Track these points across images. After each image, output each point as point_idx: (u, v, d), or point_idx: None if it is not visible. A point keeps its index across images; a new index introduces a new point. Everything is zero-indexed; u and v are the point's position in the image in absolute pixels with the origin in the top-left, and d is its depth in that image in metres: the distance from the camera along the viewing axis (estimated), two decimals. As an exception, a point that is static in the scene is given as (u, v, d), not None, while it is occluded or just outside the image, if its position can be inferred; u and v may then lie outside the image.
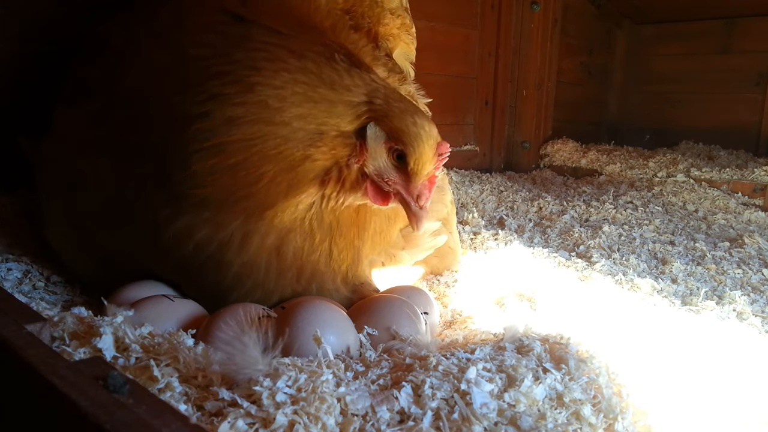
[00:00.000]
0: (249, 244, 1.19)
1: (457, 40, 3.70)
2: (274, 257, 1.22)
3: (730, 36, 4.52)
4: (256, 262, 1.21)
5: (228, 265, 1.20)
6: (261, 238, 1.19)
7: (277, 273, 1.22)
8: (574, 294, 1.53)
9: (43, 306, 1.16)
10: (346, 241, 1.29)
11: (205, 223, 1.17)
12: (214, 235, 1.17)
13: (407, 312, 1.18)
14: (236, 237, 1.18)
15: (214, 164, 1.12)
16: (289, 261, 1.23)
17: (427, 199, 1.19)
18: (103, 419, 0.60)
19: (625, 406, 0.94)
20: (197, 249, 1.18)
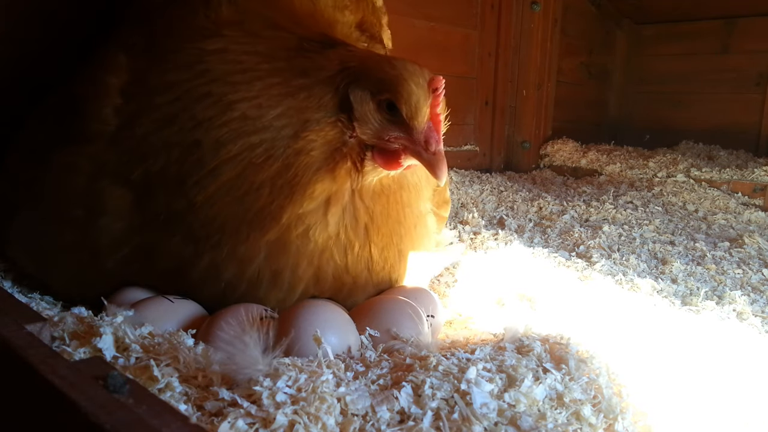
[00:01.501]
0: (281, 279, 1.16)
1: (457, 40, 3.70)
2: (312, 285, 1.19)
3: (730, 36, 4.52)
4: (290, 296, 1.18)
5: (264, 300, 1.17)
6: (292, 271, 1.16)
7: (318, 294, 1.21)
8: (574, 294, 1.53)
9: (43, 306, 1.16)
10: (385, 239, 1.24)
11: (229, 261, 1.13)
12: (241, 274, 1.14)
13: (409, 313, 1.18)
14: (265, 274, 1.15)
15: (214, 192, 1.10)
16: (329, 282, 1.21)
17: (437, 142, 1.10)
18: (103, 419, 0.60)
19: (625, 407, 0.94)
20: (229, 288, 1.16)
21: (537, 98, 4.04)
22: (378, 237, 1.23)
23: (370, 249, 1.22)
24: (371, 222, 1.21)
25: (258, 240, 1.12)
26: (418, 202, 1.34)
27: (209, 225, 1.12)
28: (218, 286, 1.16)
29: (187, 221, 1.12)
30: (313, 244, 1.15)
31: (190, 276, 1.16)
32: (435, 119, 1.11)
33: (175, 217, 1.13)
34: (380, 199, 1.22)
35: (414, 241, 1.35)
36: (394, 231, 1.26)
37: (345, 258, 1.19)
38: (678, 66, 4.78)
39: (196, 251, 1.14)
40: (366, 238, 1.21)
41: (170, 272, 1.18)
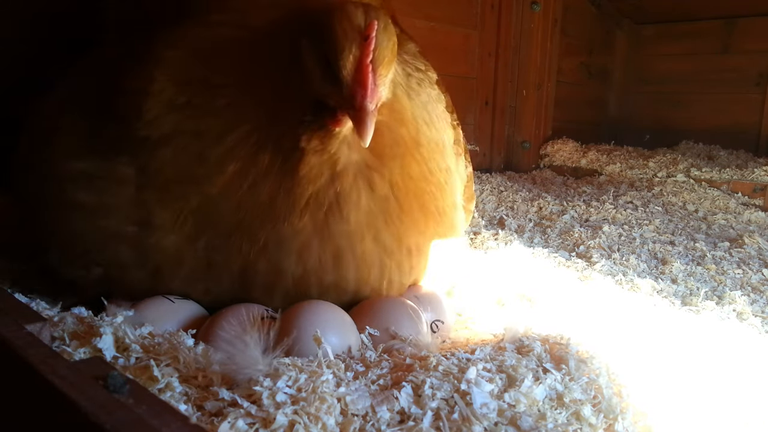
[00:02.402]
0: (344, 261, 1.16)
1: (457, 40, 3.70)
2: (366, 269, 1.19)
3: (730, 36, 4.52)
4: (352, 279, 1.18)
5: (329, 290, 1.19)
6: (350, 251, 1.15)
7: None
8: (574, 294, 1.53)
9: (43, 306, 1.15)
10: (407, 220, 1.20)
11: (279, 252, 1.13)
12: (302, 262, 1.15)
13: (408, 312, 1.18)
14: (326, 259, 1.15)
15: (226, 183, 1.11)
16: (377, 266, 1.20)
17: (362, 97, 0.98)
18: (103, 419, 0.60)
19: (626, 407, 0.94)
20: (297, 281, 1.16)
21: (537, 98, 4.04)
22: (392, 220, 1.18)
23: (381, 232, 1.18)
24: (393, 197, 1.17)
25: (293, 225, 1.11)
26: (445, 193, 1.31)
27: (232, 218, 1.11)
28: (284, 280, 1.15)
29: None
30: (347, 223, 1.13)
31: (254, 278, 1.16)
32: (362, 71, 0.98)
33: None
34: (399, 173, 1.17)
35: (441, 231, 1.31)
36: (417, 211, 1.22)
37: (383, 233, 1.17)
38: (678, 66, 4.78)
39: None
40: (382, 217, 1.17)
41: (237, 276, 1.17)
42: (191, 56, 1.17)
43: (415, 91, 1.25)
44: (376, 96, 1.00)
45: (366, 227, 1.16)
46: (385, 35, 0.99)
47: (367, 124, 0.99)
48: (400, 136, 1.17)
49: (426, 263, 1.32)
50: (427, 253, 1.30)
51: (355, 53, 0.97)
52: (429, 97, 1.32)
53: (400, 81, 1.19)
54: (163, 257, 1.15)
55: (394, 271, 1.24)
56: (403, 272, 1.26)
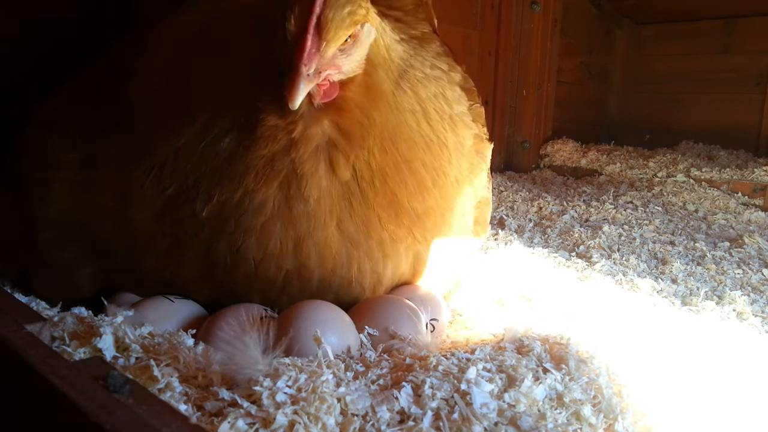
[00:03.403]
0: (305, 247, 1.14)
1: (457, 40, 3.70)
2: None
3: (730, 36, 4.52)
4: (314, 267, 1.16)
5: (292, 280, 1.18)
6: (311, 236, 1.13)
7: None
8: (574, 294, 1.53)
9: (43, 306, 1.16)
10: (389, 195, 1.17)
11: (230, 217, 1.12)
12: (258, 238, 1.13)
13: (407, 312, 1.18)
14: (287, 243, 1.13)
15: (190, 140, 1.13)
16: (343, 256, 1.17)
17: (298, 58, 0.95)
18: (103, 419, 0.60)
19: (626, 407, 0.94)
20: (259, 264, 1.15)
21: (537, 98, 4.04)
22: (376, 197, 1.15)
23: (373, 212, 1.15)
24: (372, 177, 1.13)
25: (247, 189, 1.09)
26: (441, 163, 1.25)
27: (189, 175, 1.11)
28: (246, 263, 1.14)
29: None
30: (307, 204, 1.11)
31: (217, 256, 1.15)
32: (302, 31, 0.97)
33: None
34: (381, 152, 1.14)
35: (420, 233, 1.25)
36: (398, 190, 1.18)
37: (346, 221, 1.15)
38: (678, 66, 4.78)
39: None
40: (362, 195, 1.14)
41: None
42: (182, 33, 1.25)
43: (413, 84, 1.22)
44: (317, 61, 0.97)
45: (328, 213, 1.13)
46: (342, 0, 0.98)
47: (296, 85, 0.96)
48: (372, 120, 1.12)
49: (409, 261, 1.28)
50: (402, 262, 1.26)
51: (299, 13, 0.97)
52: (436, 95, 1.28)
53: (392, 67, 1.17)
54: (137, 232, 1.16)
55: (364, 260, 1.19)
56: (375, 261, 1.21)
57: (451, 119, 1.31)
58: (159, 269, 1.18)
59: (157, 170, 1.13)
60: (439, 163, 1.26)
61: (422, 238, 1.26)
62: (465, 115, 1.39)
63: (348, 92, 1.09)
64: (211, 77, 1.15)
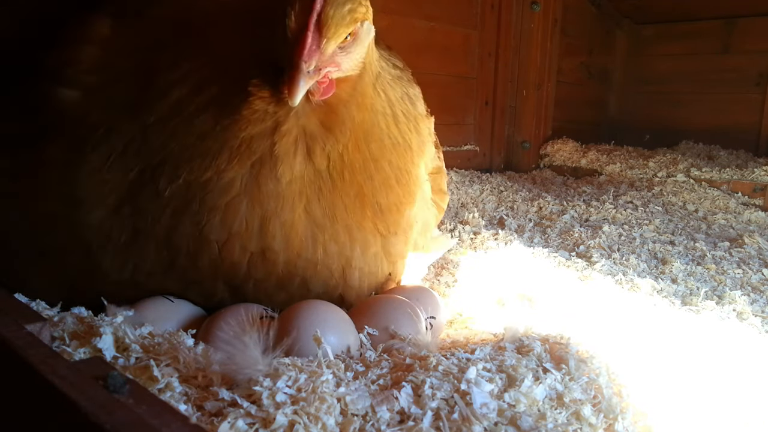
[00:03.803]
0: (270, 229, 1.12)
1: (457, 40, 3.70)
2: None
3: (730, 36, 4.52)
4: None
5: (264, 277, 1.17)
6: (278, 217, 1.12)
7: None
8: (574, 294, 1.53)
9: (43, 306, 1.15)
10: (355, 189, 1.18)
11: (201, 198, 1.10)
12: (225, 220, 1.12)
13: (407, 312, 1.18)
14: (253, 222, 1.12)
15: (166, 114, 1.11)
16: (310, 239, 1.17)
17: (299, 55, 0.96)
18: (103, 419, 0.60)
19: (625, 407, 0.94)
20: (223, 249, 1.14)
21: (537, 98, 4.04)
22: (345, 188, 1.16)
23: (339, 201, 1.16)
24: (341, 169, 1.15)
25: (219, 170, 1.08)
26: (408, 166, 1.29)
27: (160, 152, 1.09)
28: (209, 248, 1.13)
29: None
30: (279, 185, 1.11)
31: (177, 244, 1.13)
32: (303, 28, 0.97)
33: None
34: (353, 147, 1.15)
35: (384, 227, 1.27)
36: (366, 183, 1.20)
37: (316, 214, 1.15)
38: (678, 66, 4.78)
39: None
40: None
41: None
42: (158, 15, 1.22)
43: (385, 87, 1.25)
44: (316, 58, 0.97)
45: (298, 195, 1.13)
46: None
47: (296, 82, 0.96)
48: (353, 119, 1.14)
49: (375, 257, 1.29)
50: (371, 246, 1.27)
51: (299, 10, 0.96)
52: (403, 97, 1.31)
53: (374, 70, 1.18)
54: (90, 232, 1.12)
55: (330, 243, 1.20)
56: (342, 245, 1.21)
57: (415, 120, 1.35)
58: (119, 268, 1.15)
59: (119, 153, 1.10)
60: (403, 163, 1.29)
61: (386, 230, 1.29)
62: (421, 103, 1.43)
63: (340, 92, 1.09)
64: (188, 57, 1.12)
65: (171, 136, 1.08)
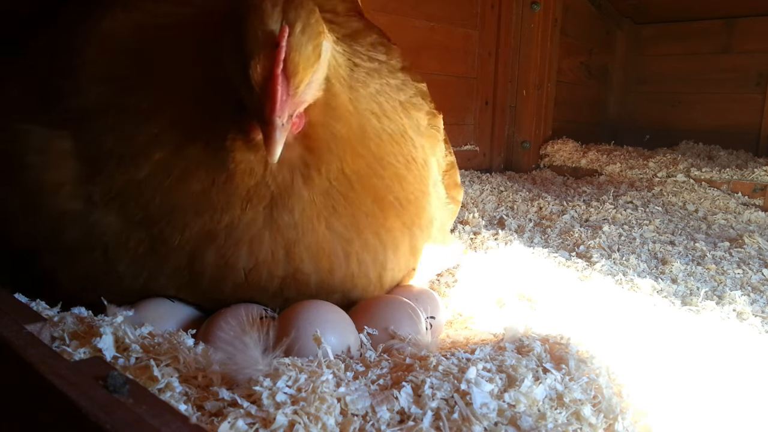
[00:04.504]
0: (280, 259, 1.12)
1: (457, 40, 3.70)
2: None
3: (730, 36, 4.52)
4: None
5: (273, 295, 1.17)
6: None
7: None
8: (574, 294, 1.53)
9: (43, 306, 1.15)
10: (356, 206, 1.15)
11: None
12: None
13: (408, 312, 1.18)
14: (278, 253, 1.11)
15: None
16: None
17: (271, 111, 0.90)
18: (103, 419, 0.60)
19: (626, 407, 0.94)
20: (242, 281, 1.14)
21: (537, 98, 4.04)
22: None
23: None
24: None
25: (234, 217, 1.07)
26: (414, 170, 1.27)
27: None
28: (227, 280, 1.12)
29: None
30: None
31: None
32: (271, 82, 0.90)
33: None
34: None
35: (408, 220, 1.25)
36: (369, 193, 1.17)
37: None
38: (678, 66, 4.78)
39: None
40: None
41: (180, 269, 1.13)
42: (126, 35, 1.14)
43: (362, 83, 1.20)
44: (288, 107, 0.92)
45: (316, 218, 1.12)
46: (305, 37, 0.91)
47: (274, 140, 0.91)
48: (337, 133, 1.11)
49: (404, 254, 1.28)
50: (401, 244, 1.26)
51: (264, 62, 0.89)
52: (382, 86, 1.27)
53: (342, 74, 1.13)
54: (108, 237, 1.09)
55: (362, 253, 1.19)
56: (374, 251, 1.20)
57: (402, 106, 1.33)
58: (132, 275, 1.13)
59: (119, 199, 1.07)
60: (407, 150, 1.27)
61: (411, 222, 1.27)
62: (413, 97, 1.40)
63: (311, 116, 1.05)
64: (158, 102, 1.06)
65: (170, 195, 1.05)
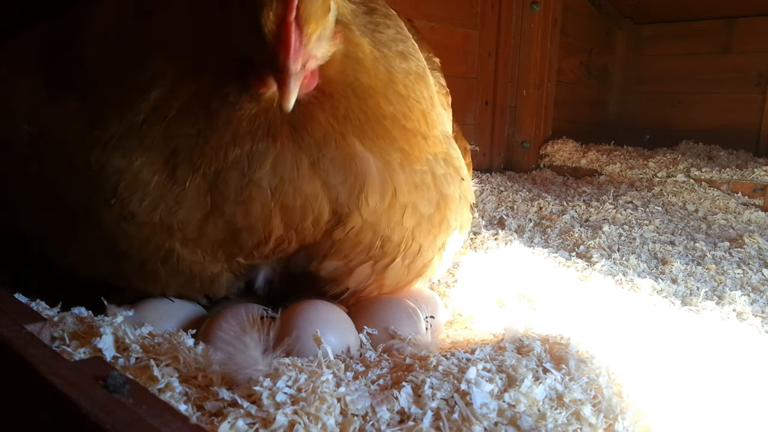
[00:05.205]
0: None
1: (457, 40, 3.70)
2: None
3: (730, 36, 4.52)
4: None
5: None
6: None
7: None
8: (574, 294, 1.53)
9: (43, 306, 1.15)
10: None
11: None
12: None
13: (407, 312, 1.18)
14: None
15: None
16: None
17: (286, 57, 0.89)
18: (103, 419, 0.60)
19: (626, 407, 0.94)
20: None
21: (537, 98, 4.04)
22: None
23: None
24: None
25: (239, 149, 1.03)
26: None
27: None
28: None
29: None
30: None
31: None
32: (285, 30, 0.89)
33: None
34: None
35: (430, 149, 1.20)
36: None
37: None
38: (678, 66, 4.78)
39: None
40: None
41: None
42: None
43: (383, 24, 1.17)
44: (302, 55, 0.92)
45: (340, 135, 1.07)
46: None
47: (289, 87, 0.90)
48: (361, 85, 1.08)
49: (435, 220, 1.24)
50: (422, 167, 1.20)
51: (276, 10, 0.88)
52: (397, 27, 1.24)
53: (362, 23, 1.10)
54: (118, 176, 1.05)
55: (400, 183, 1.14)
56: (409, 191, 1.16)
57: (417, 50, 1.29)
58: (149, 211, 1.06)
59: (116, 141, 1.04)
60: (427, 92, 1.23)
61: (434, 159, 1.23)
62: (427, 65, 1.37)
63: (330, 72, 1.03)
64: (155, 45, 1.04)
65: (168, 138, 1.03)
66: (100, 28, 1.14)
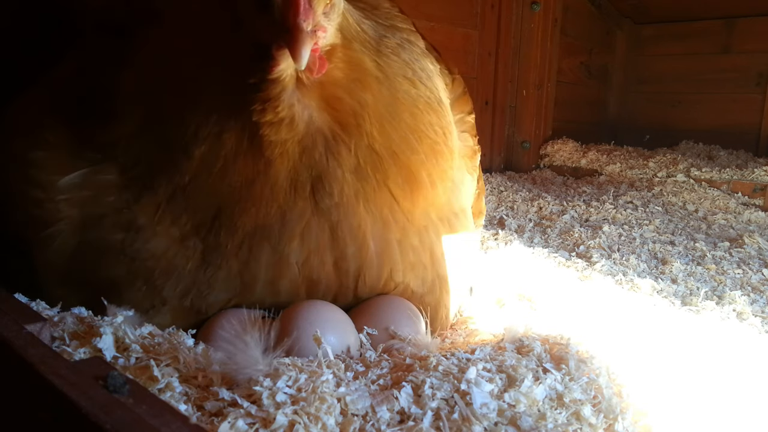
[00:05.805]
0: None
1: (457, 40, 3.70)
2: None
3: (730, 36, 4.52)
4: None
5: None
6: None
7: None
8: (574, 294, 1.53)
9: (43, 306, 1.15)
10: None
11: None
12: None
13: (407, 312, 1.18)
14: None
15: None
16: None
17: (295, 14, 0.90)
18: (103, 419, 0.60)
19: (626, 407, 0.94)
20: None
21: (537, 98, 4.04)
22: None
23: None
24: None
25: (287, 206, 1.07)
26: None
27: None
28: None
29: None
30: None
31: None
32: None
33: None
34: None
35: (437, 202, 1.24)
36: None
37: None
38: (678, 66, 4.78)
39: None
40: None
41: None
42: (159, 52, 1.13)
43: (392, 50, 1.18)
44: (311, 16, 0.92)
45: (354, 198, 1.11)
46: None
47: (299, 42, 0.89)
48: (364, 102, 1.09)
49: (432, 240, 1.25)
50: (426, 231, 1.23)
51: None
52: (414, 54, 1.25)
53: (366, 38, 1.12)
54: (153, 262, 1.08)
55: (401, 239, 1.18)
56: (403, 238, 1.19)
57: (432, 79, 1.29)
58: (180, 296, 1.10)
59: (168, 213, 1.07)
60: (441, 121, 1.24)
61: (432, 209, 1.25)
62: (439, 75, 1.39)
63: (335, 71, 1.04)
64: (192, 97, 1.05)
65: (213, 195, 1.05)
66: (134, 92, 1.11)
